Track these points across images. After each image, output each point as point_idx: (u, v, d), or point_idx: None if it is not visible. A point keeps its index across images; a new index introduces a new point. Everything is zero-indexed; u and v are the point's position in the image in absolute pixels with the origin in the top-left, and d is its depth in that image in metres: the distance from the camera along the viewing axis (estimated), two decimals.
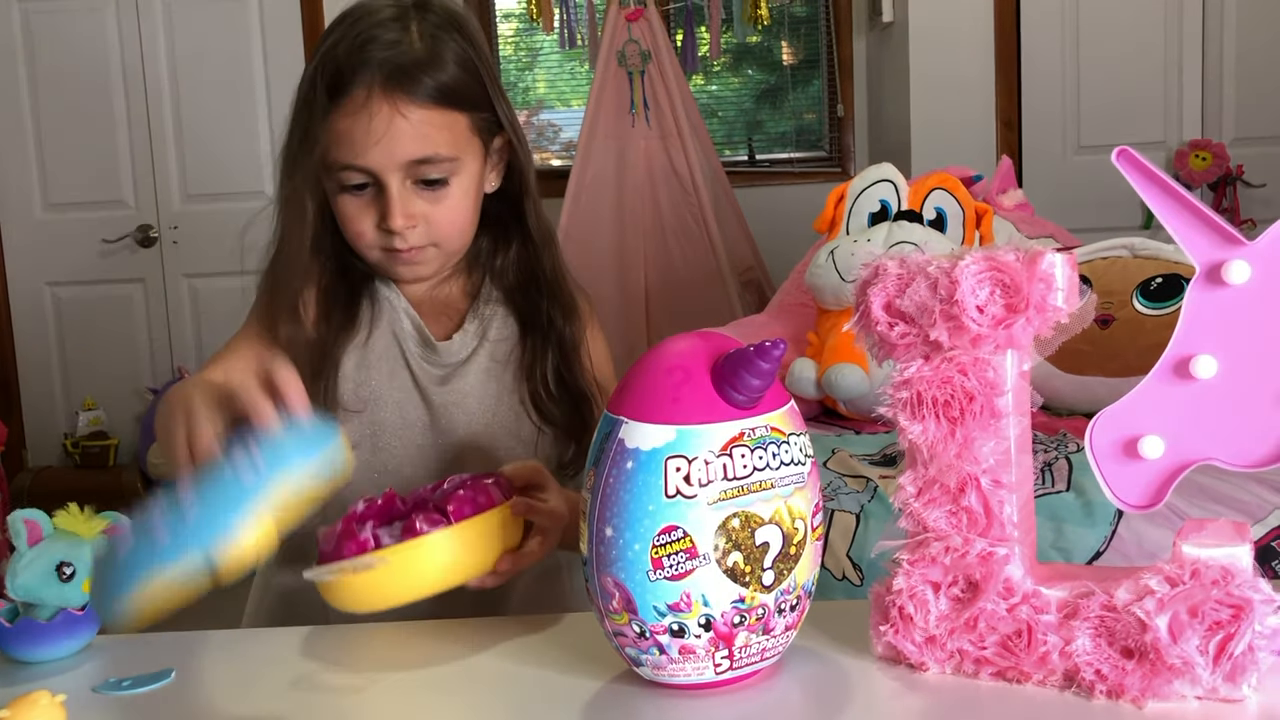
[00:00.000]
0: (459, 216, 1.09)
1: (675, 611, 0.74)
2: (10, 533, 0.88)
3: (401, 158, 1.04)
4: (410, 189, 1.06)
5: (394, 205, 1.05)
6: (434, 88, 1.04)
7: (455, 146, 1.07)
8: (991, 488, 0.76)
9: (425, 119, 1.04)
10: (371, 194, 1.06)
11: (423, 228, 1.07)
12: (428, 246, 1.09)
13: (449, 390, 1.13)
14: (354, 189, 1.06)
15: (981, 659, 0.77)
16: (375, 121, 1.03)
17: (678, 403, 0.75)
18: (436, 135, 1.05)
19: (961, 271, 0.74)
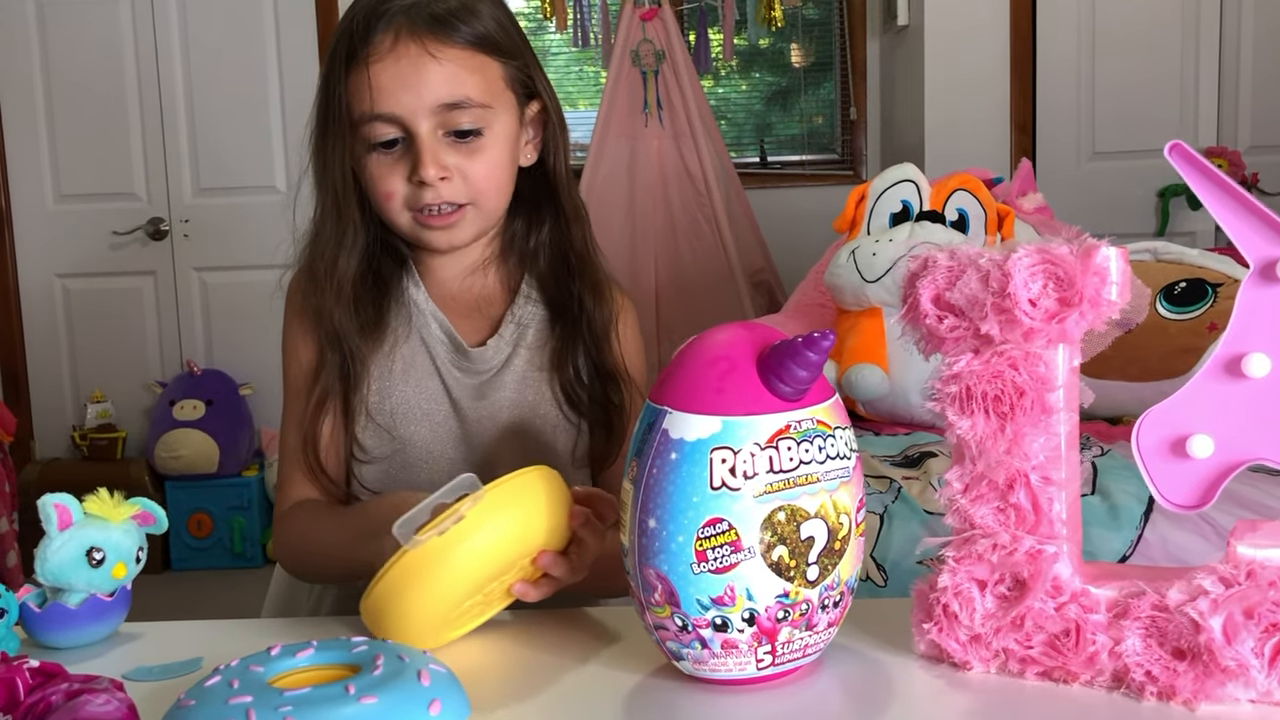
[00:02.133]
0: (495, 171, 1.04)
1: (719, 605, 0.73)
2: (40, 517, 0.87)
3: (432, 101, 0.99)
4: (442, 140, 1.01)
5: (425, 154, 1.00)
6: (466, 31, 1.01)
7: (488, 93, 1.02)
8: (1041, 485, 0.75)
9: (456, 60, 1.00)
10: (401, 150, 1.02)
11: (458, 182, 1.02)
12: (465, 206, 1.04)
13: (485, 403, 1.08)
14: (383, 146, 1.02)
15: (1027, 658, 0.76)
16: (404, 63, 0.99)
17: (723, 394, 0.74)
18: (469, 78, 1.01)
19: (1014, 264, 0.73)
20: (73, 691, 0.66)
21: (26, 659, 0.69)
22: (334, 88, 1.02)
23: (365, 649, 0.71)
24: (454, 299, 1.12)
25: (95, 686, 0.67)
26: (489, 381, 1.09)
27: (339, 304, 1.06)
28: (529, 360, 1.10)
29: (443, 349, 1.09)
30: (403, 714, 0.64)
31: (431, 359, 1.09)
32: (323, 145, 1.04)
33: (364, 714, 0.63)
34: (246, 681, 0.66)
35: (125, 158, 3.75)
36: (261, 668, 0.68)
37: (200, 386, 3.71)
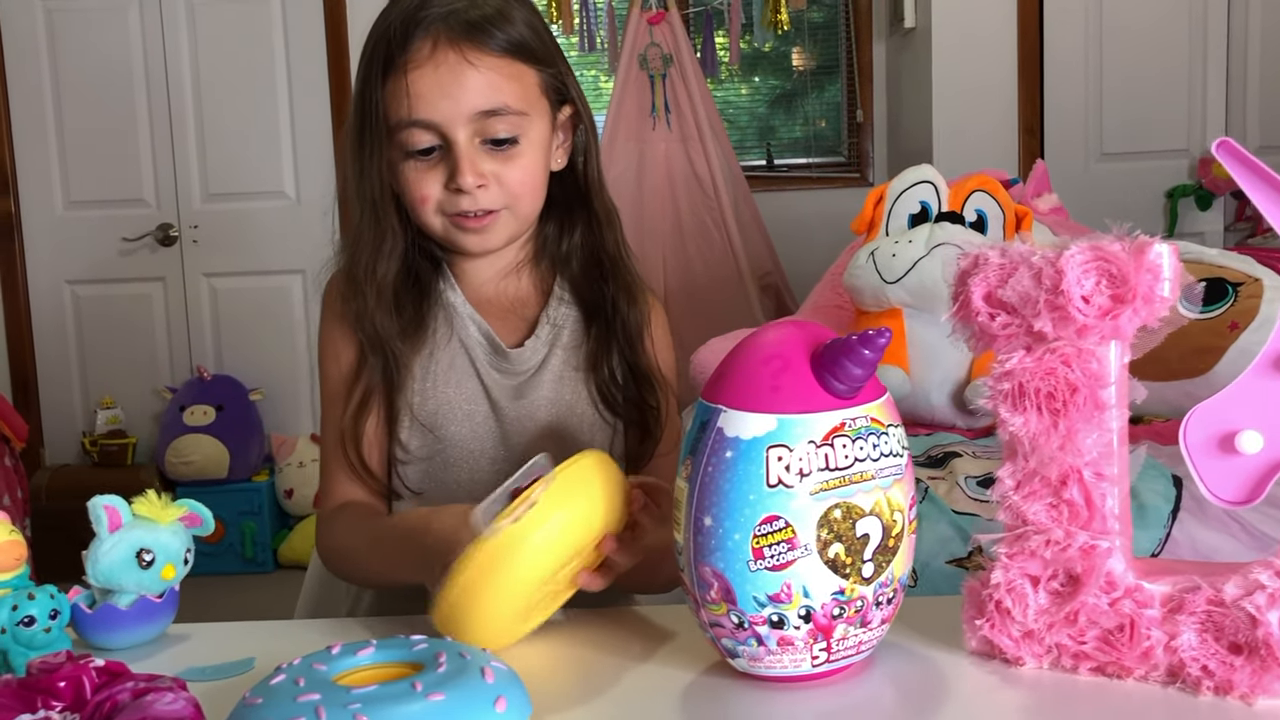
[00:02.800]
0: (530, 177, 1.05)
1: (775, 602, 0.73)
2: (90, 519, 0.87)
3: (470, 109, 1.00)
4: (479, 147, 1.02)
5: (463, 162, 1.01)
6: (503, 39, 1.01)
7: (525, 100, 1.03)
8: (1094, 480, 0.75)
9: (494, 68, 1.01)
10: (438, 157, 1.02)
11: (494, 189, 1.03)
12: (500, 210, 1.04)
13: (524, 403, 1.09)
14: (419, 154, 1.02)
15: (1080, 654, 0.76)
16: (442, 71, 0.99)
17: (778, 391, 0.74)
18: (506, 86, 1.01)
19: (1067, 261, 0.73)
20: (139, 690, 0.67)
21: (91, 658, 0.69)
22: (370, 94, 1.02)
23: (426, 647, 0.71)
24: (489, 301, 1.12)
25: (160, 685, 0.67)
26: (527, 382, 1.09)
27: (380, 307, 1.06)
28: (565, 360, 1.11)
29: (481, 350, 1.10)
30: (470, 711, 0.64)
31: (471, 360, 1.10)
32: (360, 151, 1.04)
33: (432, 711, 0.63)
34: (312, 680, 0.67)
35: (134, 164, 3.76)
36: (324, 666, 0.69)
37: (210, 392, 3.71)
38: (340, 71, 3.70)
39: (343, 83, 3.70)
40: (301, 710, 0.63)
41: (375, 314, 1.06)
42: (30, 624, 0.83)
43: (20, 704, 0.67)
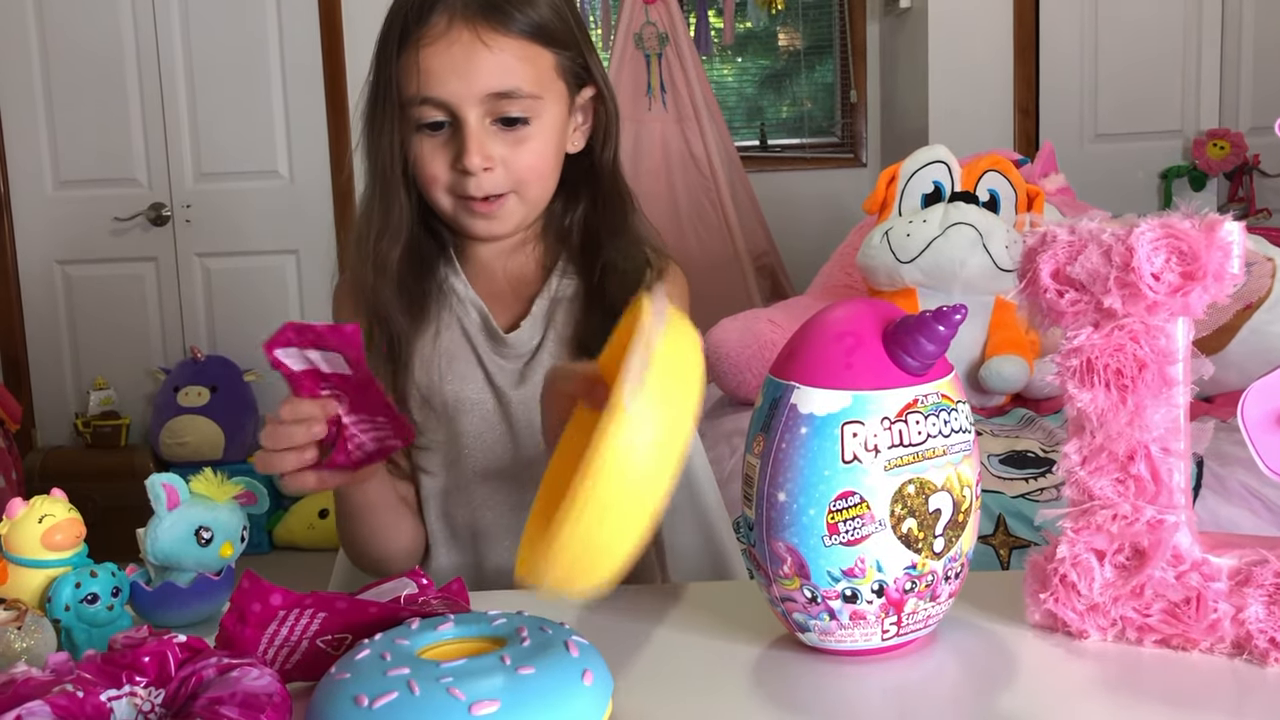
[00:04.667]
0: (540, 162, 1.04)
1: (849, 577, 0.74)
2: (150, 497, 0.87)
3: (481, 89, 0.99)
4: (489, 128, 1.01)
5: (471, 142, 1.00)
6: (522, 20, 1.00)
7: (539, 84, 1.02)
8: (1161, 455, 0.76)
9: (509, 50, 1.00)
10: (448, 134, 1.02)
11: (501, 173, 1.02)
12: (507, 195, 1.04)
13: (527, 387, 1.08)
14: (430, 128, 1.02)
15: (1146, 626, 0.77)
16: (455, 49, 0.98)
17: (851, 369, 0.75)
18: (520, 68, 1.00)
19: (1137, 238, 0.74)
20: (223, 666, 0.67)
21: (174, 635, 0.69)
22: (385, 67, 1.02)
23: (504, 622, 0.71)
24: (491, 281, 1.11)
25: (244, 661, 0.67)
26: (528, 365, 1.09)
27: (383, 281, 1.06)
28: (558, 339, 1.10)
29: (481, 337, 1.09)
30: (559, 684, 0.64)
31: (473, 348, 1.09)
32: (373, 123, 1.04)
33: (524, 684, 0.63)
34: (397, 654, 0.67)
35: (125, 143, 3.72)
36: (407, 641, 0.69)
37: (204, 373, 3.69)
38: (334, 49, 3.68)
39: (336, 61, 3.68)
40: (393, 684, 0.63)
41: (379, 287, 1.06)
42: (93, 601, 0.82)
43: (105, 680, 0.66)
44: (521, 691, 0.63)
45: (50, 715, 0.62)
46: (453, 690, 0.62)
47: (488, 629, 0.71)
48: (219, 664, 0.67)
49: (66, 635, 0.82)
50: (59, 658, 0.67)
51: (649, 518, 0.65)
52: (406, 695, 0.62)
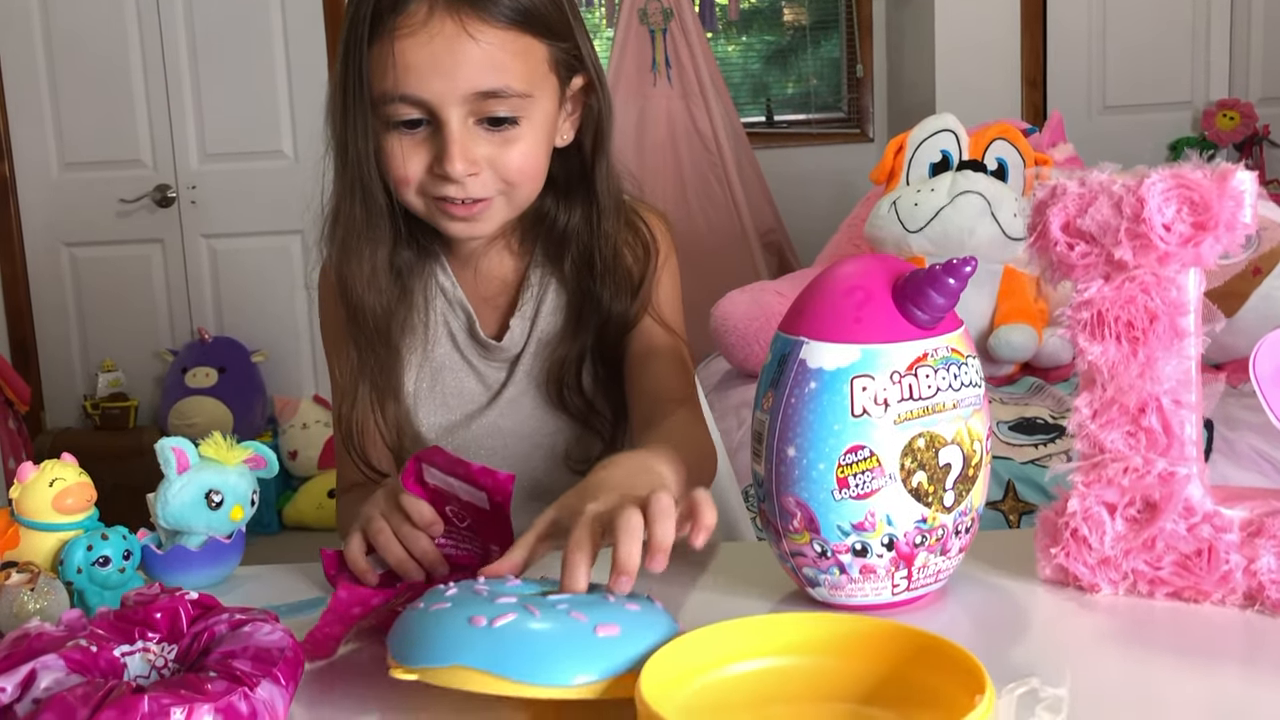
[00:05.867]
0: (529, 163, 0.94)
1: (859, 531, 0.74)
2: (159, 461, 0.87)
3: (466, 88, 0.89)
4: (473, 128, 0.91)
5: (453, 146, 0.90)
6: (510, 8, 0.89)
7: (529, 80, 0.92)
8: (1173, 408, 0.76)
9: (497, 43, 0.89)
10: (425, 133, 0.92)
11: (487, 175, 0.93)
12: (494, 197, 0.95)
13: (513, 387, 1.06)
14: (404, 125, 0.91)
15: (1157, 579, 0.77)
16: (437, 42, 0.87)
17: (860, 323, 0.74)
18: (510, 64, 0.90)
19: (1148, 189, 0.74)
20: (235, 622, 0.67)
21: (186, 592, 0.69)
22: (354, 58, 0.91)
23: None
24: (474, 279, 1.06)
25: (255, 617, 0.68)
26: (516, 365, 1.07)
27: (367, 292, 1.00)
28: (541, 339, 1.06)
29: (470, 344, 1.07)
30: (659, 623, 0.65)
31: (462, 356, 1.07)
32: (344, 123, 0.93)
33: (633, 618, 0.63)
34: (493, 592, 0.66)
35: (130, 124, 3.71)
36: (485, 590, 0.68)
37: (212, 354, 3.70)
38: (338, 28, 3.66)
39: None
40: (509, 608, 0.63)
41: (363, 299, 1.00)
42: (105, 564, 0.83)
43: (118, 635, 0.67)
44: (635, 623, 0.63)
45: (64, 669, 0.62)
46: (574, 614, 0.63)
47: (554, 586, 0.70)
48: (231, 620, 0.67)
49: (79, 597, 0.82)
50: (72, 614, 0.68)
51: None
52: (526, 615, 0.62)
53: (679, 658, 0.61)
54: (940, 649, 0.61)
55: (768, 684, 0.63)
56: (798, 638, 0.65)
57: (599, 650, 0.61)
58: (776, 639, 0.65)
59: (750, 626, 0.65)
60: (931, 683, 0.60)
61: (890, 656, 0.63)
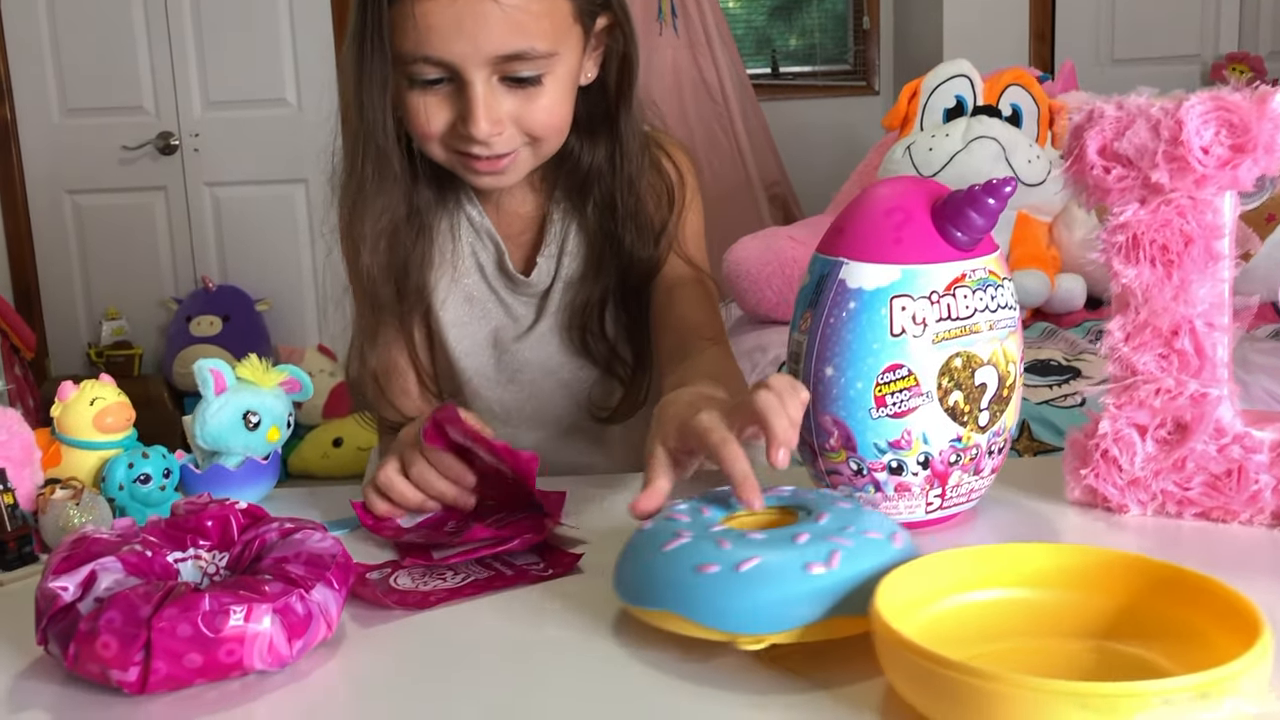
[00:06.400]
0: (554, 117, 0.94)
1: (895, 449, 0.75)
2: (197, 381, 0.88)
3: (490, 51, 0.88)
4: (497, 85, 0.90)
5: (478, 108, 0.89)
6: None
7: (554, 39, 0.90)
8: (1205, 330, 0.76)
9: (521, 3, 0.87)
10: (448, 90, 0.91)
11: (511, 131, 0.93)
12: (519, 150, 0.95)
13: (542, 324, 1.06)
14: (426, 83, 0.90)
15: (1185, 500, 0.79)
16: (460, 5, 0.86)
17: (900, 243, 0.75)
18: (533, 25, 0.88)
19: (1187, 112, 0.74)
20: (286, 530, 0.68)
21: (235, 502, 0.70)
22: (373, 16, 0.89)
23: (789, 494, 0.70)
24: (500, 214, 1.07)
25: (305, 524, 0.69)
26: (544, 302, 1.07)
27: (376, 258, 1.00)
28: (568, 277, 1.06)
29: (498, 277, 1.07)
30: (878, 548, 0.62)
31: (490, 288, 1.07)
32: (359, 79, 0.92)
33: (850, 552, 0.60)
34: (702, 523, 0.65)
35: (133, 70, 3.69)
36: (708, 511, 0.67)
37: (216, 302, 3.70)
38: None
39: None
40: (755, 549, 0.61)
41: (371, 265, 1.00)
42: (146, 482, 0.84)
43: (170, 542, 0.68)
44: (851, 556, 0.60)
45: (122, 570, 0.63)
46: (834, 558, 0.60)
47: (769, 500, 0.69)
48: (281, 528, 0.68)
49: (120, 514, 0.83)
50: (124, 522, 0.69)
51: None
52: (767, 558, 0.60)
53: (910, 584, 0.59)
54: (1188, 581, 0.58)
55: (1004, 616, 0.60)
56: (1031, 569, 0.62)
57: (810, 590, 0.58)
58: (1010, 570, 0.62)
59: (982, 555, 0.62)
60: (1178, 615, 0.57)
61: (1132, 590, 0.60)
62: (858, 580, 0.59)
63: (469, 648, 0.65)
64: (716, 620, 0.58)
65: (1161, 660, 0.56)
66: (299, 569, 0.64)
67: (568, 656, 0.63)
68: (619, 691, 0.59)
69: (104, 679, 0.59)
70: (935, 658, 0.50)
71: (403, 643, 0.66)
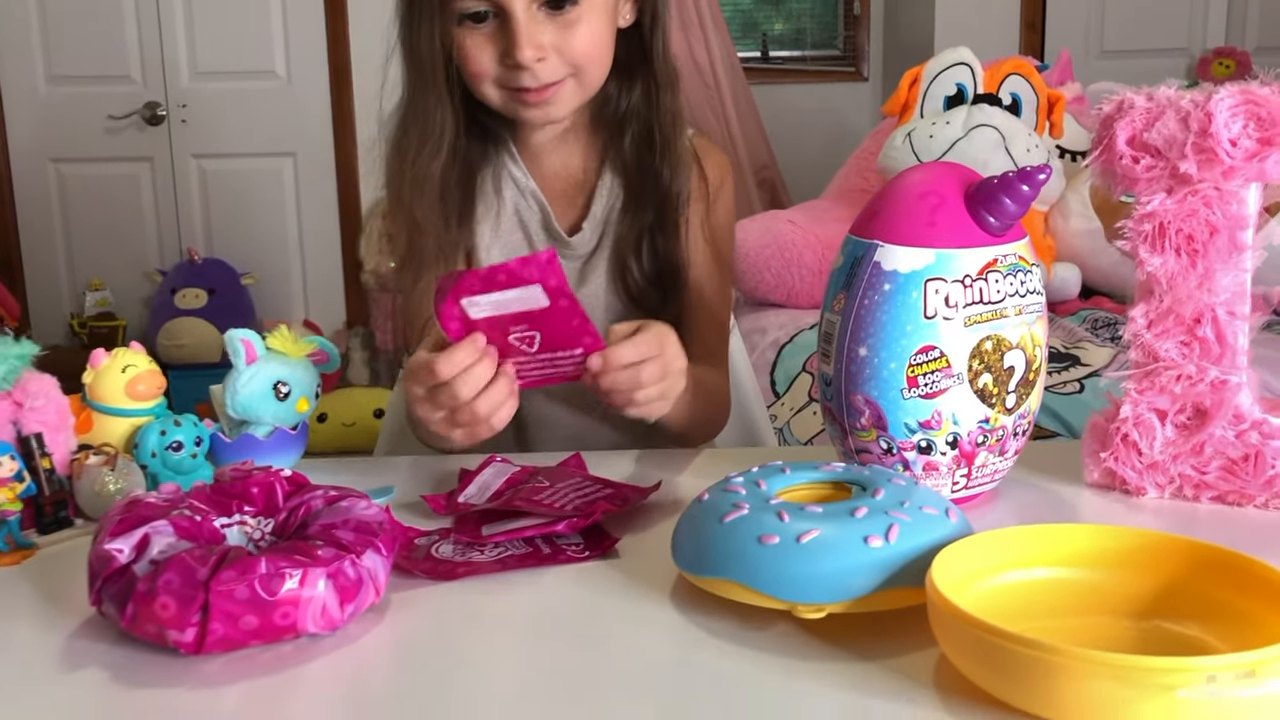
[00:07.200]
0: (594, 44, 0.99)
1: (925, 429, 0.77)
2: (228, 351, 0.88)
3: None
4: (537, 13, 0.96)
5: (520, 35, 0.95)
6: None
7: None
8: (1227, 319, 0.78)
9: None
10: (493, 25, 0.97)
11: (554, 60, 0.98)
12: (564, 80, 0.99)
13: (585, 290, 1.07)
14: (472, 19, 0.97)
15: (1203, 483, 0.81)
16: None
17: (934, 227, 0.76)
18: None
19: (1216, 104, 0.76)
20: (331, 498, 0.69)
21: (280, 469, 0.71)
22: None
23: (841, 470, 0.71)
24: (545, 174, 1.09)
25: (350, 493, 0.70)
26: (587, 265, 1.08)
27: (423, 197, 1.02)
28: (613, 242, 1.08)
29: (542, 235, 1.08)
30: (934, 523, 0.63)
31: (531, 245, 1.08)
32: (409, 21, 0.99)
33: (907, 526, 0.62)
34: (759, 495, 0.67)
35: (119, 38, 3.65)
36: (764, 484, 0.68)
37: (201, 275, 3.67)
38: None
39: None
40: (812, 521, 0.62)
41: (420, 206, 1.02)
42: (178, 449, 0.84)
43: (215, 508, 0.69)
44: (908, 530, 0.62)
45: (173, 534, 0.64)
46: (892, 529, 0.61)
47: (824, 475, 0.71)
48: (326, 495, 0.69)
49: (153, 481, 0.84)
50: (170, 487, 0.70)
51: None
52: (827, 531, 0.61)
53: (965, 560, 0.60)
54: (1235, 563, 0.59)
55: (1055, 594, 0.62)
56: (1082, 548, 0.63)
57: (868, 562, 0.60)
58: (1061, 549, 0.63)
59: (1035, 535, 0.64)
60: (1225, 596, 0.59)
61: (1180, 571, 0.61)
62: (914, 554, 0.60)
63: (519, 615, 0.67)
64: (777, 589, 0.60)
65: (1209, 639, 0.58)
66: (348, 535, 0.65)
67: (625, 624, 0.65)
68: (679, 656, 0.61)
69: (160, 639, 0.60)
70: (992, 629, 0.51)
71: (451, 608, 0.67)
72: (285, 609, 0.60)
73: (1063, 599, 0.62)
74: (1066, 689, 0.50)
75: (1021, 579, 0.63)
